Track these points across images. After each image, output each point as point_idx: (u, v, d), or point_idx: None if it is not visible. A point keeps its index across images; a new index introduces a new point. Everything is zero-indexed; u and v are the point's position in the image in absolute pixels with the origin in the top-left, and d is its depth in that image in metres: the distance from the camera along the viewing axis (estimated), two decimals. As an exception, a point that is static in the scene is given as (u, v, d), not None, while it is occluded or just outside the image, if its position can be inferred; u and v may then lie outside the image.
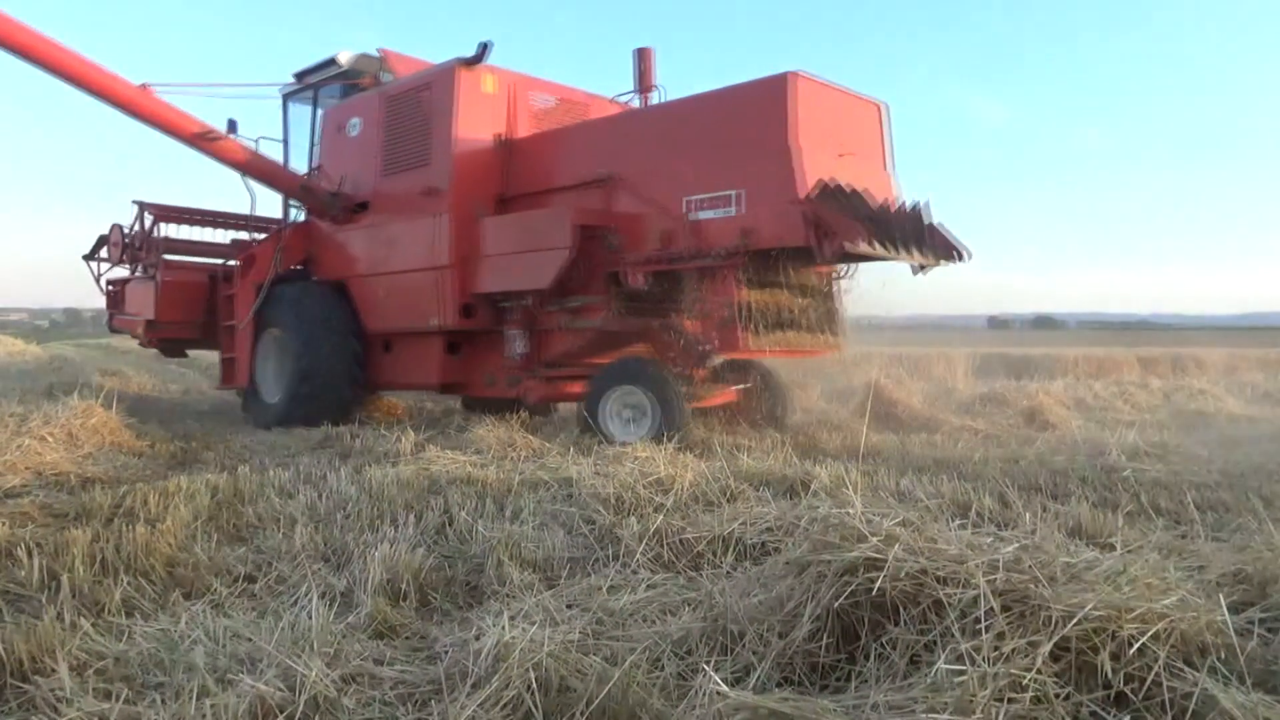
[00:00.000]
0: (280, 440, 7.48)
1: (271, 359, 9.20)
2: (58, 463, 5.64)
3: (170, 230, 10.11)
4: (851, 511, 2.70)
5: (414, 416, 9.46)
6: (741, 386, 8.05)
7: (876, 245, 6.25)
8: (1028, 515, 3.93)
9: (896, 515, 2.73)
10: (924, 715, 1.90)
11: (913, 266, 6.85)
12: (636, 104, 8.81)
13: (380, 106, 8.88)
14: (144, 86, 8.25)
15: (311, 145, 9.96)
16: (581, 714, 2.09)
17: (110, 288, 10.76)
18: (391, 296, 8.67)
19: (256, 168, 9.15)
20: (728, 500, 4.23)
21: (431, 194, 8.20)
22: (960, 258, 6.96)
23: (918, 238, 6.72)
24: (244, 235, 10.51)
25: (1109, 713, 1.96)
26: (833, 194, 6.32)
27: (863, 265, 7.42)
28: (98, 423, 6.72)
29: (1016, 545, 2.46)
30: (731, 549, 3.44)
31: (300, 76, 9.93)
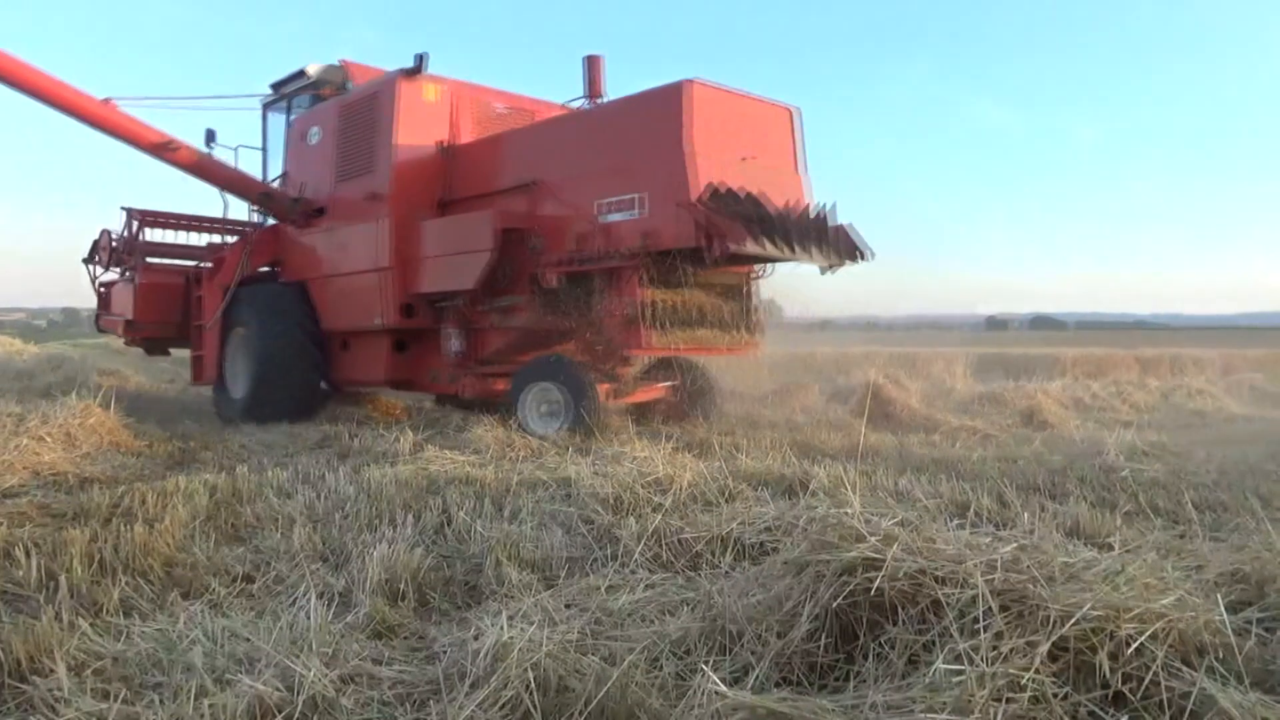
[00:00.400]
0: (278, 440, 7.47)
1: (239, 357, 9.57)
2: (56, 462, 5.63)
3: (157, 234, 10.50)
4: (850, 511, 2.70)
5: (413, 416, 9.46)
6: (669, 384, 8.35)
7: (767, 246, 6.51)
8: (1026, 515, 3.93)
9: (895, 515, 2.73)
10: (922, 715, 1.90)
11: (821, 267, 7.16)
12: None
13: (335, 116, 9.32)
14: (107, 101, 8.65)
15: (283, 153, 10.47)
16: (580, 714, 2.09)
17: (101, 289, 11.13)
18: (343, 297, 9.15)
19: (218, 176, 9.61)
20: (726, 500, 4.23)
21: (374, 199, 8.65)
22: (863, 258, 7.28)
23: (818, 238, 6.98)
24: (223, 239, 10.84)
25: (1107, 712, 1.96)
26: (723, 197, 6.52)
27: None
28: (96, 422, 6.72)
29: (1015, 545, 2.46)
30: (730, 549, 3.43)
31: (275, 88, 10.34)
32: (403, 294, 8.48)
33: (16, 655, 2.54)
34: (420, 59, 8.47)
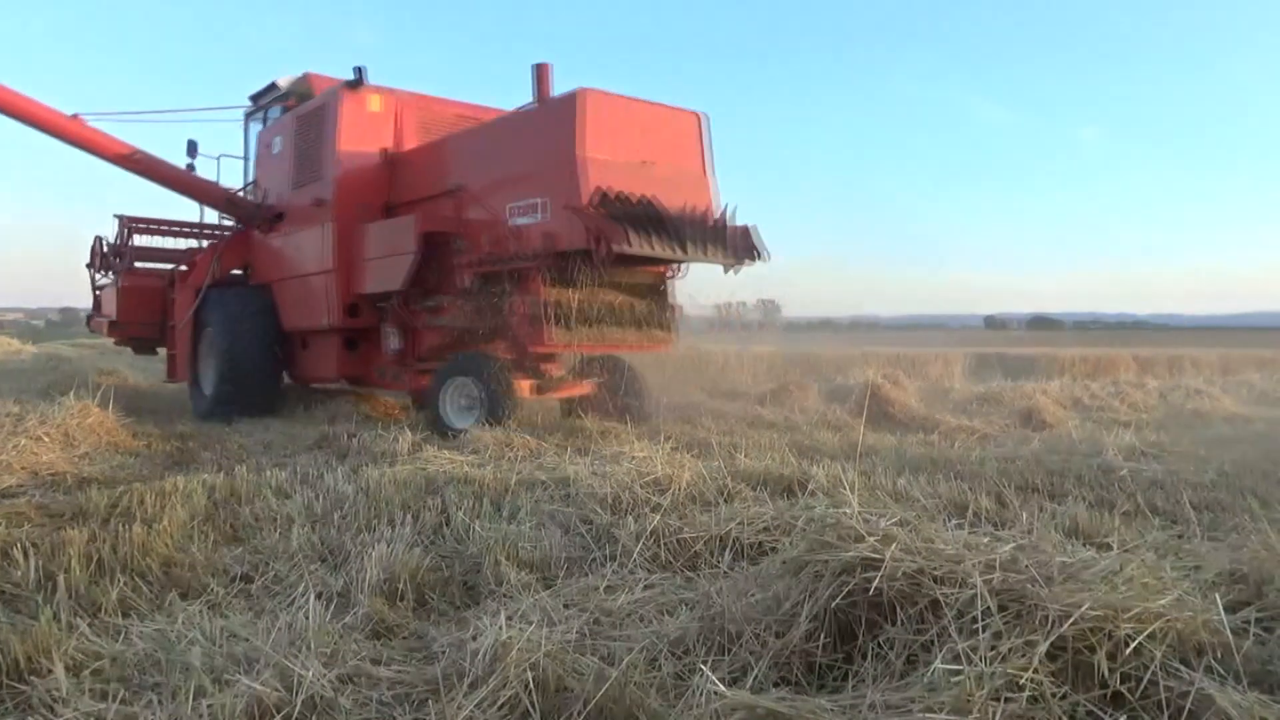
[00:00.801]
0: (277, 440, 7.47)
1: (209, 356, 10.05)
2: (54, 462, 5.63)
3: (147, 240, 11.07)
4: (849, 511, 2.70)
5: (411, 415, 9.45)
6: (595, 380, 8.54)
7: (655, 247, 6.87)
8: (1024, 515, 3.94)
9: (893, 515, 2.73)
10: (921, 715, 1.90)
11: (724, 266, 7.57)
12: None
13: (292, 127, 9.86)
14: (75, 116, 9.30)
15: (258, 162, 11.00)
16: (579, 714, 2.09)
17: (96, 292, 11.71)
18: (297, 298, 9.68)
19: (183, 184, 10.25)
20: (725, 500, 4.23)
21: (321, 205, 9.20)
22: (760, 258, 7.63)
23: (714, 239, 7.32)
24: (199, 244, 11.36)
25: (1105, 712, 1.96)
26: (610, 201, 6.84)
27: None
28: (94, 422, 6.72)
29: (1013, 545, 2.46)
30: (728, 549, 3.43)
31: (253, 99, 10.85)
32: (347, 295, 8.96)
33: (15, 656, 2.54)
34: (359, 71, 8.97)
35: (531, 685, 2.14)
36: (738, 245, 7.49)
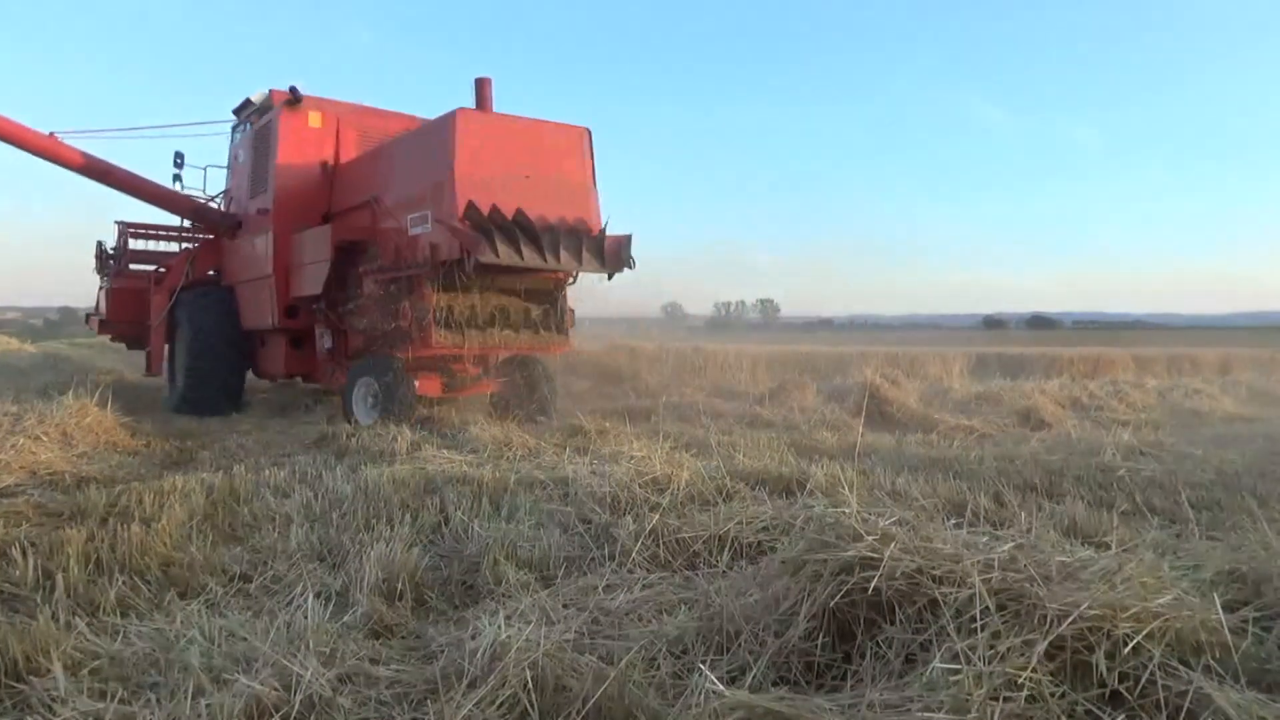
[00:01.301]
0: (276, 440, 7.47)
1: (180, 353, 10.76)
2: (53, 462, 5.62)
3: (143, 244, 11.94)
4: (847, 511, 2.70)
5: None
6: (504, 379, 9.15)
7: (525, 257, 7.43)
8: (1023, 514, 3.94)
9: (892, 515, 2.73)
10: (919, 714, 1.90)
11: (598, 274, 8.13)
12: None
13: (251, 141, 10.60)
14: (51, 135, 10.00)
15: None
16: (577, 713, 2.09)
17: (99, 292, 12.46)
18: (250, 300, 10.37)
19: (153, 195, 10.88)
20: (724, 499, 4.23)
21: (264, 214, 9.91)
22: (629, 267, 8.14)
23: (591, 249, 7.84)
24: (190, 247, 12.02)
25: (1104, 711, 1.96)
26: (477, 213, 7.28)
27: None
28: (92, 422, 6.71)
29: (1012, 544, 2.46)
30: (727, 548, 3.43)
31: (236, 113, 11.33)
32: (285, 298, 9.63)
33: (13, 655, 2.53)
34: (294, 90, 9.79)
35: (530, 684, 2.14)
36: (608, 254, 7.95)
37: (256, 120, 10.56)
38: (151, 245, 11.99)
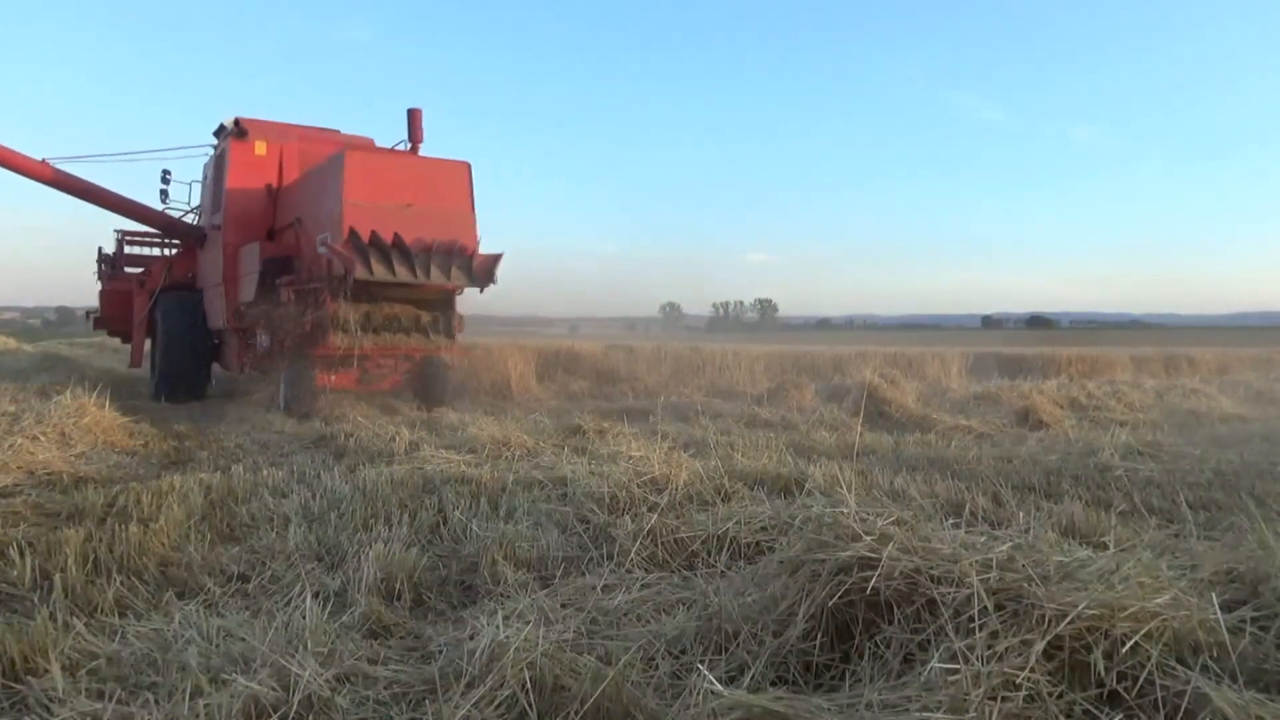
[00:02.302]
0: (274, 439, 7.47)
1: (157, 348, 12.25)
2: (50, 462, 5.61)
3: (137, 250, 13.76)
4: (846, 511, 2.70)
5: (407, 414, 9.44)
6: (405, 374, 10.56)
7: (398, 273, 8.83)
8: (1021, 514, 3.94)
9: (890, 514, 2.73)
10: (918, 714, 1.90)
11: (468, 287, 9.51)
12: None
13: (213, 164, 12.17)
14: (43, 161, 11.44)
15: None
16: (576, 713, 2.09)
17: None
18: (211, 303, 11.89)
19: (131, 211, 12.36)
20: (722, 499, 4.23)
21: (218, 230, 11.51)
22: (493, 282, 9.50)
23: (461, 267, 9.21)
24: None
25: (1102, 711, 1.96)
26: (359, 238, 8.69)
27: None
28: (90, 422, 6.70)
29: (1010, 544, 2.46)
30: (726, 548, 3.43)
31: (215, 135, 12.48)
32: (234, 302, 11.02)
33: (11, 655, 2.53)
34: (237, 123, 11.40)
35: (529, 685, 2.14)
36: (476, 271, 9.36)
37: (219, 145, 12.03)
38: (147, 251, 13.79)
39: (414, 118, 10.71)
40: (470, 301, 10.38)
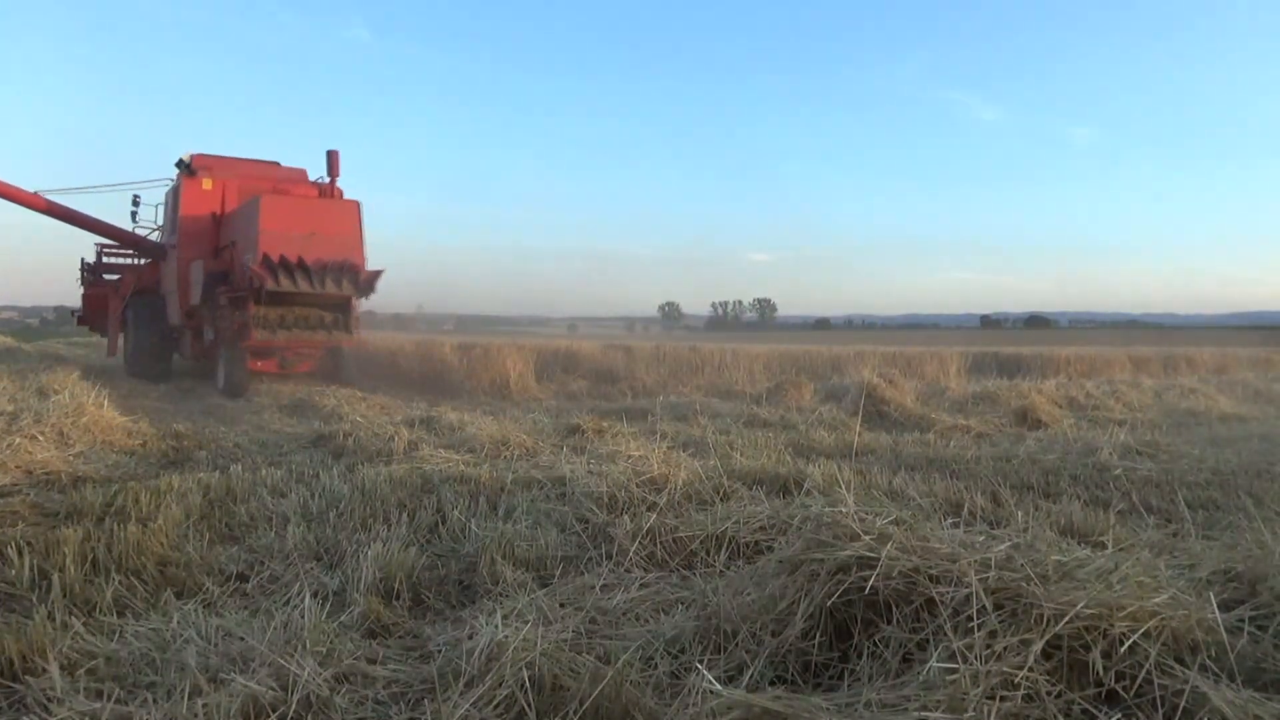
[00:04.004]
0: (272, 439, 7.46)
1: (126, 341, 15.52)
2: (49, 461, 5.61)
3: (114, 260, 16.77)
4: (844, 510, 2.71)
5: (406, 413, 9.43)
6: (317, 360, 13.75)
7: (300, 285, 11.89)
8: (1020, 514, 3.94)
9: (889, 514, 2.74)
10: (916, 713, 1.90)
11: (355, 296, 12.63)
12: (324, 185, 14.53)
13: (171, 194, 14.98)
14: (35, 193, 14.23)
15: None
16: (575, 712, 2.09)
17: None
18: (171, 305, 14.81)
19: (104, 230, 15.48)
20: (721, 499, 4.23)
21: (174, 248, 14.38)
22: (372, 291, 12.66)
23: (351, 281, 12.18)
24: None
25: (1100, 710, 1.96)
26: (270, 260, 11.74)
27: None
28: (89, 421, 6.69)
29: (1008, 544, 2.47)
30: (724, 547, 3.43)
31: (176, 167, 14.82)
32: (186, 305, 14.06)
33: (9, 655, 2.53)
34: (189, 163, 14.21)
35: (527, 684, 2.14)
36: (365, 284, 12.44)
37: (176, 178, 14.59)
38: (121, 261, 16.54)
39: (332, 158, 14.03)
40: (470, 302, 11.96)
